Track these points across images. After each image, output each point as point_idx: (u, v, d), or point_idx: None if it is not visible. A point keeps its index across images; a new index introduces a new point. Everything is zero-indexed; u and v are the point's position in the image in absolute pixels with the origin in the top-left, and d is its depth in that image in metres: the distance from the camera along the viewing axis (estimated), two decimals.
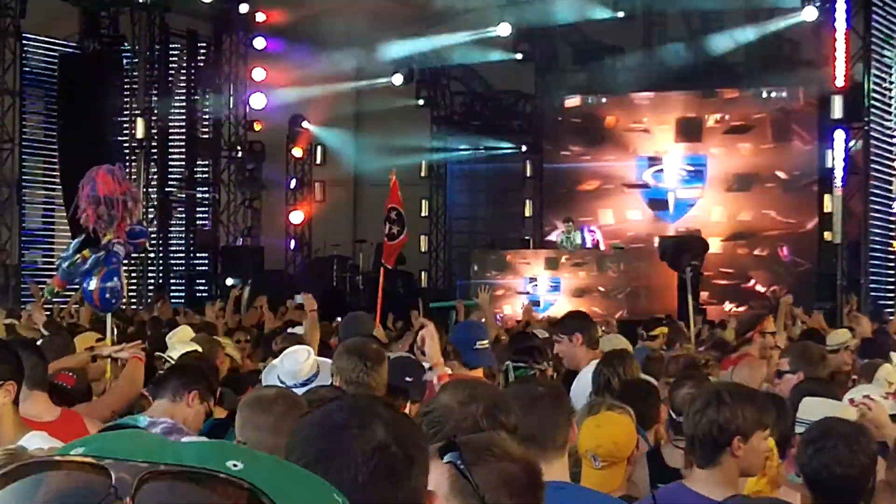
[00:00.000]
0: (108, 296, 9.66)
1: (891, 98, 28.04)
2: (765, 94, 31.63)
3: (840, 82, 26.80)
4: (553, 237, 31.18)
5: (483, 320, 11.63)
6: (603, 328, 12.67)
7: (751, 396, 5.00)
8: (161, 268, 30.26)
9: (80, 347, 9.03)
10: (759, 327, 10.21)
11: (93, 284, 9.60)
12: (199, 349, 8.97)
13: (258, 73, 32.08)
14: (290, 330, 12.03)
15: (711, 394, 4.92)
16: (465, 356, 7.79)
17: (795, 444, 5.38)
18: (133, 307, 26.24)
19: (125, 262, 10.95)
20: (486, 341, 7.73)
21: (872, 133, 27.16)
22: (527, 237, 32.98)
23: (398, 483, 2.25)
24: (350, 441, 2.28)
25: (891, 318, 21.44)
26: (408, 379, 6.35)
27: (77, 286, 10.83)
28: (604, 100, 33.45)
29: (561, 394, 4.86)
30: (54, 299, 17.00)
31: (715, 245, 31.36)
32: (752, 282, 30.99)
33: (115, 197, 9.43)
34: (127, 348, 8.21)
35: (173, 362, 8.36)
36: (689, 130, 32.34)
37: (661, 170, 32.56)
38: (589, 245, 29.24)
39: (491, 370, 8.32)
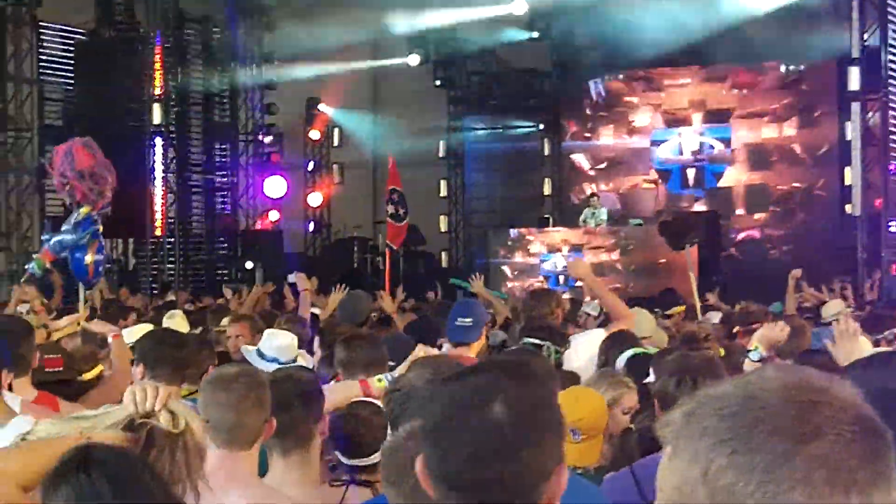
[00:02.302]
0: (100, 268, 9.78)
1: None
2: (783, 67, 31.49)
3: (856, 53, 26.68)
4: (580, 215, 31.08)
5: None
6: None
7: (718, 372, 5.06)
8: (181, 252, 30.31)
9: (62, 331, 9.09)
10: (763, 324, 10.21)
11: (88, 258, 9.68)
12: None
13: (273, 57, 32.08)
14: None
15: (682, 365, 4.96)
16: (448, 332, 7.89)
17: None
18: (154, 291, 26.41)
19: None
20: (468, 319, 7.77)
21: (891, 104, 27.00)
22: (546, 215, 32.94)
23: (508, 460, 2.27)
24: (466, 416, 2.31)
25: None
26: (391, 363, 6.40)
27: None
28: (621, 76, 33.37)
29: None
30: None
31: (735, 218, 31.37)
32: (774, 253, 30.83)
33: (97, 170, 9.50)
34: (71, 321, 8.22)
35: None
36: (709, 104, 32.26)
37: (681, 145, 32.48)
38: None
39: (488, 348, 8.40)
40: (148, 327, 8.50)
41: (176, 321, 9.95)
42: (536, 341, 7.55)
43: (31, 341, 6.58)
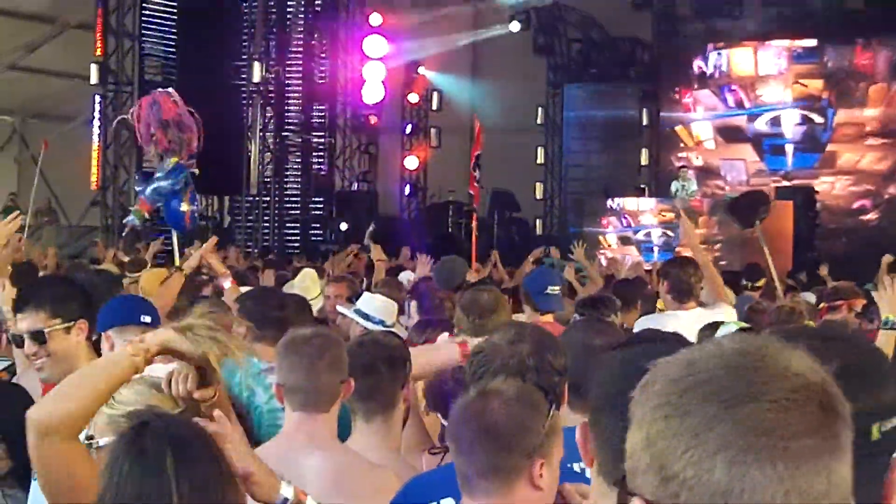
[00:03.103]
0: (196, 216, 9.79)
1: None
2: (887, 45, 30.94)
3: None
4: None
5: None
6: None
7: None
8: (276, 212, 30.47)
9: (153, 283, 9.10)
10: (850, 303, 9.97)
11: (184, 206, 9.68)
12: None
13: (375, 19, 32.05)
14: (400, 276, 12.05)
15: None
16: (537, 300, 7.82)
17: None
18: (248, 250, 26.55)
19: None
20: (557, 287, 7.75)
21: None
22: (642, 186, 32.67)
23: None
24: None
25: None
26: None
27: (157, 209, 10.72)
28: (721, 49, 32.96)
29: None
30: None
31: (834, 197, 30.95)
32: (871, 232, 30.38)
33: (183, 119, 9.52)
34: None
35: None
36: (810, 81, 31.80)
37: (779, 119, 32.08)
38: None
39: (565, 316, 8.31)
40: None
41: (307, 284, 9.89)
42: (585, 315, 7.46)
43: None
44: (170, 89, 9.94)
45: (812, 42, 31.60)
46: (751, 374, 1.54)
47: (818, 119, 31.70)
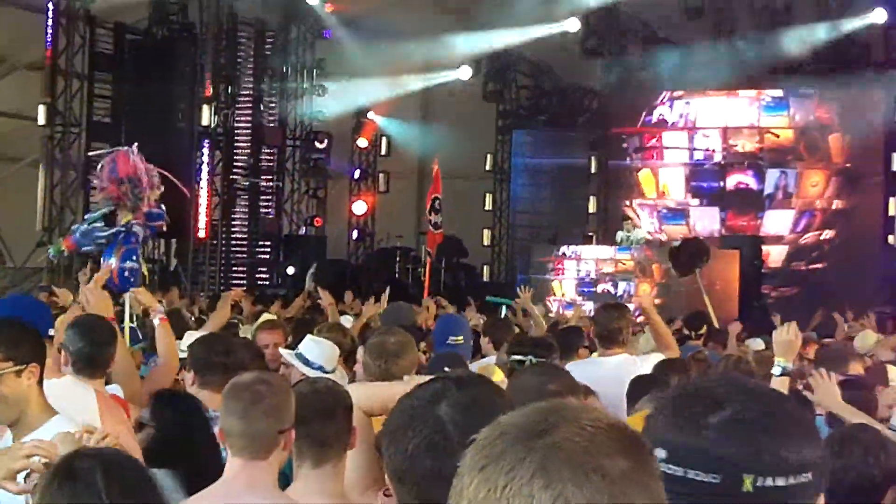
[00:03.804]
0: (126, 275, 9.66)
1: None
2: (832, 96, 31.22)
3: None
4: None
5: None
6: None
7: None
8: (223, 255, 30.36)
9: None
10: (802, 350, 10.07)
11: (112, 263, 9.61)
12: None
13: (325, 63, 32.12)
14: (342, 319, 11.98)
15: None
16: (437, 350, 7.82)
17: None
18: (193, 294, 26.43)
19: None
20: (459, 336, 7.71)
21: None
22: (590, 233, 32.77)
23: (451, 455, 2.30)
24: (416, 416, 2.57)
25: None
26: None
27: (85, 253, 10.66)
28: (671, 96, 33.16)
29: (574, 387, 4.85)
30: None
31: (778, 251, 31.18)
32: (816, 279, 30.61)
33: (138, 176, 9.47)
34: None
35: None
36: (732, 134, 32.04)
37: (729, 167, 32.25)
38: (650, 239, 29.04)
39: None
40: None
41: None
42: (520, 357, 7.44)
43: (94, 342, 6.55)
44: (133, 147, 9.88)
45: (760, 90, 31.88)
46: (552, 411, 1.66)
47: (770, 169, 31.87)
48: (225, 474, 4.35)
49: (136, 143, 10.06)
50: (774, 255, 31.16)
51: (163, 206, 10.14)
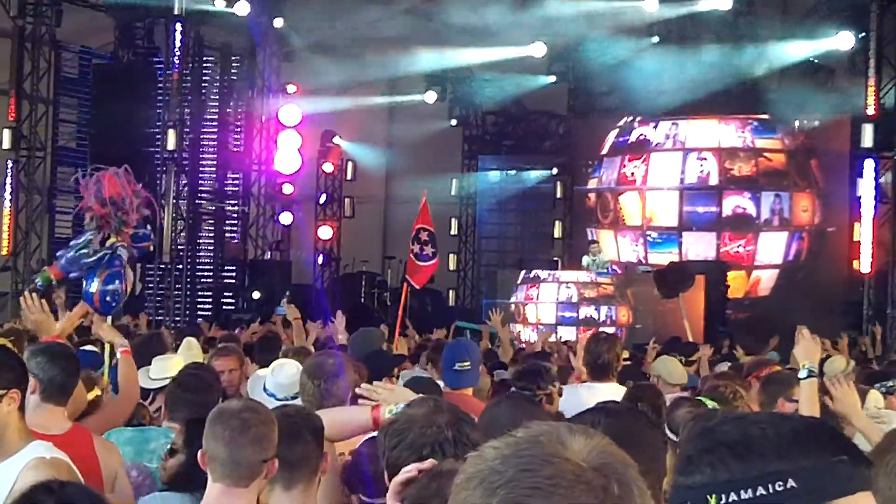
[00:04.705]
0: (108, 299, 9.55)
1: None
2: (798, 121, 31.29)
3: (871, 111, 26.69)
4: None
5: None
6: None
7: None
8: (188, 280, 30.28)
9: None
10: (762, 372, 10.09)
11: (94, 286, 9.50)
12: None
13: (290, 88, 32.16)
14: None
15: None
16: (445, 376, 7.83)
17: None
18: (159, 318, 26.35)
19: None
20: (466, 362, 7.71)
21: None
22: (556, 258, 32.82)
23: None
24: None
25: None
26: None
27: (73, 279, 10.61)
28: (636, 122, 33.11)
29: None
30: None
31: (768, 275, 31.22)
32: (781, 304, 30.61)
33: (123, 198, 9.42)
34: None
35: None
36: (727, 156, 31.90)
37: (696, 191, 32.13)
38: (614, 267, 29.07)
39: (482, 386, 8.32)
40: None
41: (193, 352, 9.77)
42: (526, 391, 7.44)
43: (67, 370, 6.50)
44: (121, 169, 9.81)
45: (728, 115, 31.85)
46: (518, 460, 1.67)
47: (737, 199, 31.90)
48: (206, 497, 4.35)
49: (125, 166, 9.98)
50: (765, 281, 31.20)
51: (149, 227, 10.09)
